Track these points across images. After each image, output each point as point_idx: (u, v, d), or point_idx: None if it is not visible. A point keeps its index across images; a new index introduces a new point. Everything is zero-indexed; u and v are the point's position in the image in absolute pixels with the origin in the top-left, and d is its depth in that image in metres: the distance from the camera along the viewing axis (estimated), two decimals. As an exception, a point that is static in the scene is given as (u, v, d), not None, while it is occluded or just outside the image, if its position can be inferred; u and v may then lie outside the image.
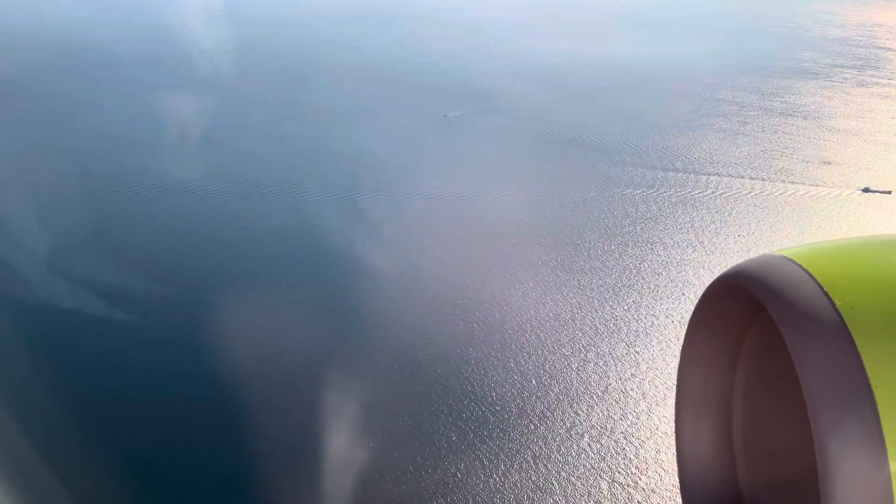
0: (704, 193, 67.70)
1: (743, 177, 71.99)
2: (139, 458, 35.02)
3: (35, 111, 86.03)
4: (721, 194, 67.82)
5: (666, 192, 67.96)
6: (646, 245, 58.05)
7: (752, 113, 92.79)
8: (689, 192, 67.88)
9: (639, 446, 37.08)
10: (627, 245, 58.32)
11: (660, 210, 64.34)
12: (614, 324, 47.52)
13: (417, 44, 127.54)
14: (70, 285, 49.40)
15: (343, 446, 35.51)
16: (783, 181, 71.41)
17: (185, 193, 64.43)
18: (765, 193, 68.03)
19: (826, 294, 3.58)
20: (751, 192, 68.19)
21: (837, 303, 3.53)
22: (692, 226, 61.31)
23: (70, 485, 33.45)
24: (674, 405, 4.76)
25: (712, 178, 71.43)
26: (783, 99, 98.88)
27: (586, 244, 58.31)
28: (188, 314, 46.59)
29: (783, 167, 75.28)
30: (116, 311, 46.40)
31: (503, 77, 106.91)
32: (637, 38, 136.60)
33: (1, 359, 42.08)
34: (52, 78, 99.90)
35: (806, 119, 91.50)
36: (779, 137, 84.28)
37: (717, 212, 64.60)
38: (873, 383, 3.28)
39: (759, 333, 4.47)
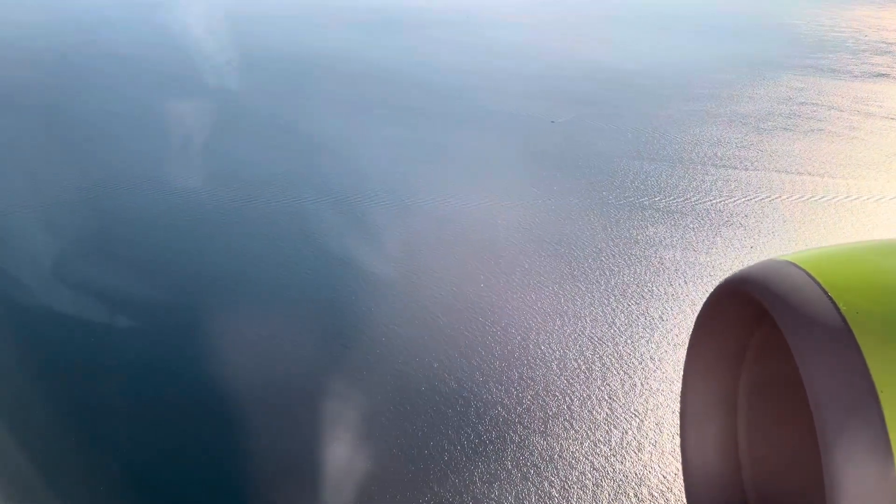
0: (859, 199, 65.90)
1: (887, 179, 70.42)
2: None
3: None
4: (874, 199, 66.07)
5: (819, 198, 66.05)
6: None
7: (854, 117, 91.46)
8: (842, 199, 66.06)
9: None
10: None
11: (825, 217, 62.40)
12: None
13: (489, 48, 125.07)
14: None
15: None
16: (925, 185, 69.94)
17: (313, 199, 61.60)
18: (922, 198, 66.55)
19: (830, 298, 3.54)
20: (905, 197, 66.64)
21: (842, 307, 3.49)
22: (872, 230, 59.53)
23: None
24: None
25: (859, 182, 69.69)
26: (878, 103, 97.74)
27: (760, 248, 56.38)
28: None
29: (917, 171, 73.89)
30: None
31: (587, 80, 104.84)
32: (691, 40, 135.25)
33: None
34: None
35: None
36: (895, 142, 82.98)
37: (880, 216, 62.89)
38: (878, 388, 3.23)
39: (762, 338, 4.44)
